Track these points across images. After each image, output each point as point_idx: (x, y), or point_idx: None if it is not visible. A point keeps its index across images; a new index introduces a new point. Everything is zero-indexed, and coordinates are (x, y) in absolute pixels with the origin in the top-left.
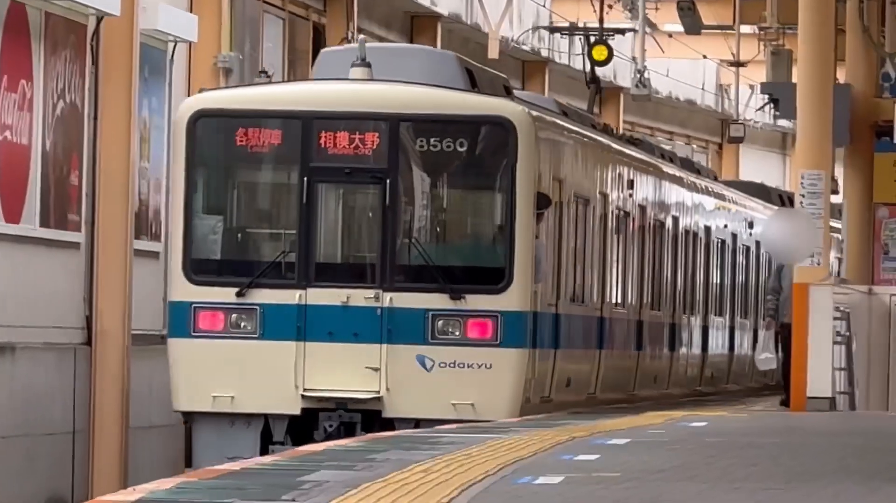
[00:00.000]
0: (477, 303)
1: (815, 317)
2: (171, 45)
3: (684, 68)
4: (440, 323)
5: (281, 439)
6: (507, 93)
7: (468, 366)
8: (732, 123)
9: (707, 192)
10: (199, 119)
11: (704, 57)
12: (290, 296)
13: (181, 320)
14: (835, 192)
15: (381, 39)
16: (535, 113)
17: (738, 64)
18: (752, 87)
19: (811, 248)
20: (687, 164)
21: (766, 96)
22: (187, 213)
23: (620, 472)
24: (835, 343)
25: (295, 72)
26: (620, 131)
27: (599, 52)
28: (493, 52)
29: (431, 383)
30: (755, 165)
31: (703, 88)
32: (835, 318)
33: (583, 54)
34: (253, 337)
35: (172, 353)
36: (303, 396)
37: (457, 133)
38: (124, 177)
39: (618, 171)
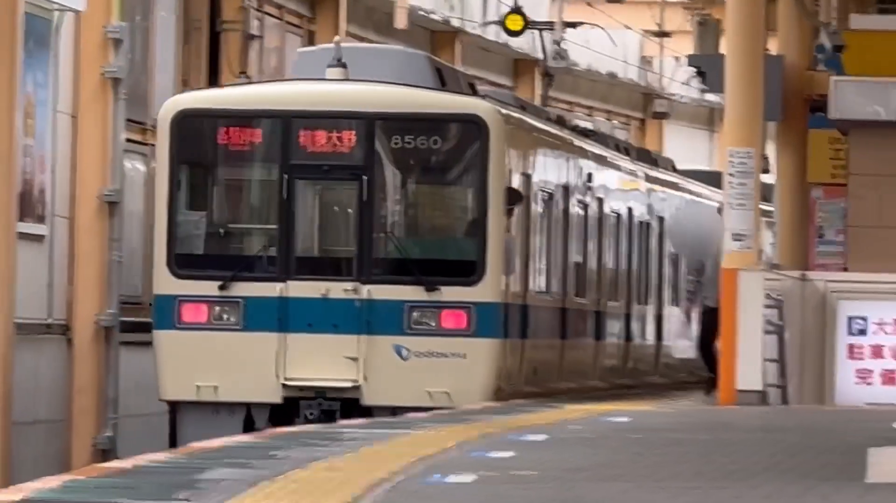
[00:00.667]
0: (451, 294)
1: (745, 304)
2: (56, 14)
3: (605, 39)
4: (416, 314)
5: (263, 427)
6: (473, 90)
7: (443, 356)
8: (656, 98)
9: (664, 183)
10: (183, 118)
11: (627, 27)
12: (272, 289)
13: (166, 313)
14: (766, 171)
15: (279, 9)
16: (504, 111)
17: (662, 34)
18: (677, 59)
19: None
20: (643, 156)
21: (693, 69)
22: (171, 209)
23: (538, 471)
24: (766, 332)
25: (190, 45)
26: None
27: (514, 22)
28: (401, 23)
29: (408, 372)
30: (680, 143)
31: (625, 61)
32: (766, 306)
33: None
34: (236, 328)
35: (158, 345)
36: (284, 385)
37: (430, 131)
38: (7, 155)
39: (578, 165)
